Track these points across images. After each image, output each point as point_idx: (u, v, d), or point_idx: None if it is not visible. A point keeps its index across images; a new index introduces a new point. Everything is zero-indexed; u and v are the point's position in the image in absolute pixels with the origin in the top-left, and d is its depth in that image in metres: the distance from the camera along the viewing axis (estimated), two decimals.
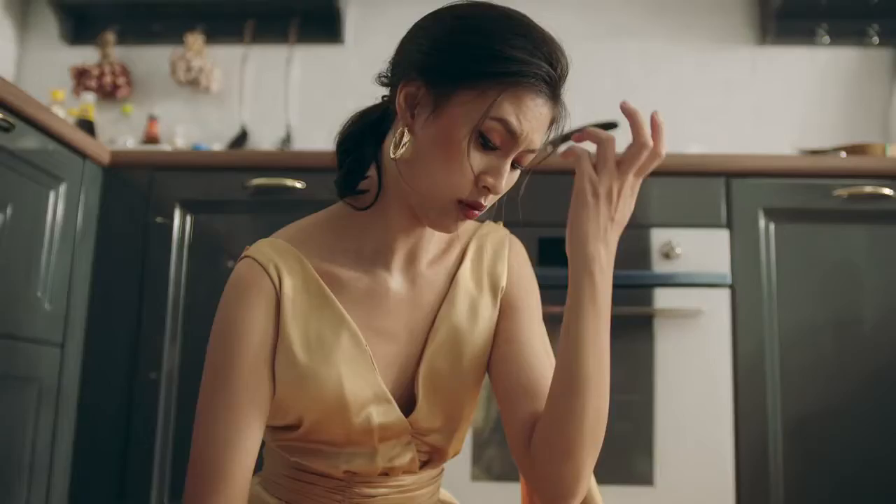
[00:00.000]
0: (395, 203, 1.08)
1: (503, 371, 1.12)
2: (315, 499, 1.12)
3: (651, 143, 1.05)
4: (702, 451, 1.91)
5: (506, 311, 1.16)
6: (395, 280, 1.11)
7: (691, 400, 1.93)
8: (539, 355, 1.14)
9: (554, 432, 1.00)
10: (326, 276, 1.08)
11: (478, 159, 0.99)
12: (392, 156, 1.02)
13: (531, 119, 0.98)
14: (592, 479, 1.16)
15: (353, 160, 1.09)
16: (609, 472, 1.76)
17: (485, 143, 0.99)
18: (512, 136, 0.98)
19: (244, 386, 1.04)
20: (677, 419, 1.92)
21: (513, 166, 1.03)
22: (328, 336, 1.06)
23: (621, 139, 2.53)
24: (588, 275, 1.01)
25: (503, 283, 1.17)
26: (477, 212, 1.03)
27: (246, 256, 1.09)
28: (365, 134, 1.09)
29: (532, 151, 1.02)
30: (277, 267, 1.07)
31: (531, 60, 0.97)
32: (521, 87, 0.97)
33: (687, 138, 2.67)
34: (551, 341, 1.16)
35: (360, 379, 1.06)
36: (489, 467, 1.94)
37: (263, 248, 1.09)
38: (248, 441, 1.03)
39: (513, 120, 0.97)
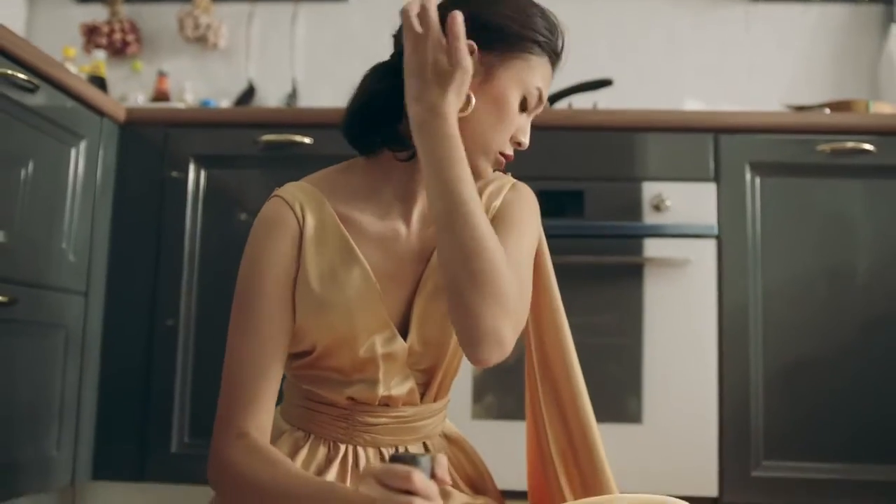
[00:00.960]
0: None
1: None
2: (322, 425, 1.25)
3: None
4: (687, 393, 2.03)
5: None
6: (407, 228, 1.22)
7: (678, 344, 2.05)
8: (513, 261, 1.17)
9: (446, 288, 1.08)
10: (344, 219, 1.20)
11: (519, 119, 1.18)
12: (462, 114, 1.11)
13: (549, 87, 1.20)
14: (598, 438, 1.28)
15: (382, 116, 1.16)
16: (600, 410, 1.87)
17: (524, 106, 1.17)
18: (540, 101, 1.18)
19: (270, 314, 1.16)
20: (664, 362, 2.04)
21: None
22: (341, 271, 1.17)
23: (616, 95, 2.65)
24: (416, 133, 1.08)
25: (497, 202, 1.25)
26: (510, 158, 1.20)
27: (275, 195, 1.21)
28: (395, 89, 1.13)
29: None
30: (302, 206, 1.18)
31: (551, 36, 1.17)
32: (550, 59, 1.18)
33: (682, 94, 2.76)
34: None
35: (367, 311, 1.17)
36: (488, 407, 2.06)
37: (291, 189, 1.21)
38: (273, 365, 1.15)
39: (544, 88, 1.18)
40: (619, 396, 2.04)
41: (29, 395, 1.86)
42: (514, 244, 1.18)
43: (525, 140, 1.20)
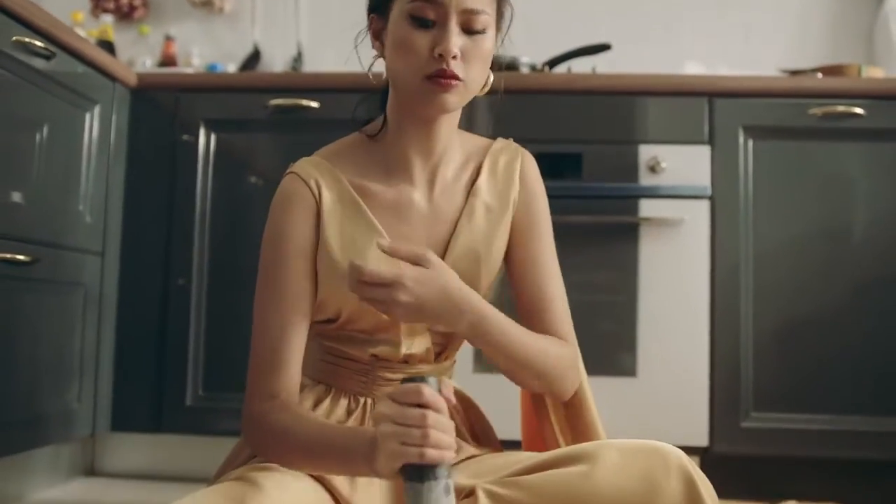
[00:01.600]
0: (404, 122, 1.26)
1: (520, 287, 1.33)
2: (344, 380, 1.33)
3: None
4: (680, 347, 2.12)
5: (520, 224, 1.34)
6: (418, 194, 1.29)
7: (672, 301, 2.13)
8: (549, 274, 1.33)
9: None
10: (358, 189, 1.27)
11: (422, 38, 1.18)
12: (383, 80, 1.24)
13: None
14: (584, 377, 1.36)
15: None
16: (596, 364, 1.97)
17: (421, 23, 1.18)
18: (436, 5, 1.16)
19: (292, 283, 1.23)
20: (658, 318, 2.13)
21: (469, 34, 1.18)
22: (360, 239, 1.24)
23: (615, 60, 2.71)
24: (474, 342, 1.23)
25: (515, 194, 1.34)
26: (446, 79, 1.18)
27: (290, 173, 1.27)
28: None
29: (472, 11, 1.18)
30: (317, 181, 1.25)
31: None
32: None
33: (681, 58, 2.80)
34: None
35: None
36: (488, 363, 2.15)
37: (304, 166, 1.28)
38: (298, 331, 1.22)
39: None
40: (615, 351, 2.13)
41: (51, 351, 1.95)
42: (551, 250, 1.35)
43: (445, 45, 1.16)
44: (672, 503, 1.18)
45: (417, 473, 0.99)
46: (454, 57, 1.17)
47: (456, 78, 1.18)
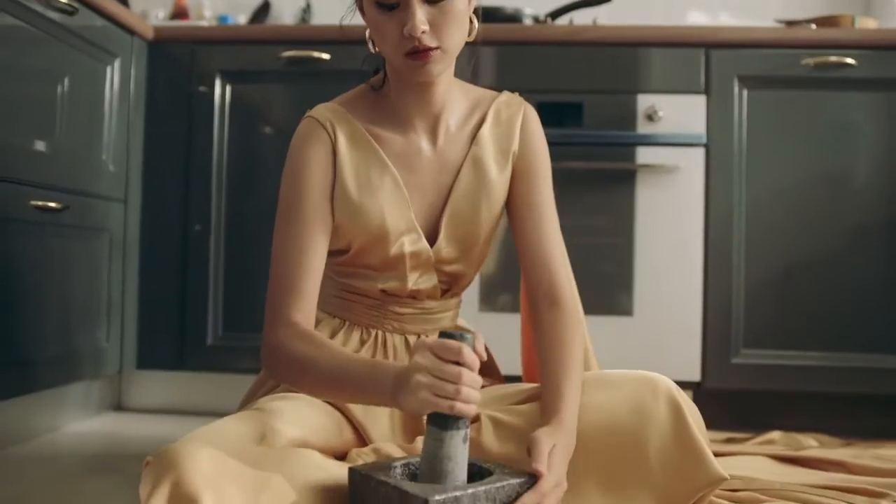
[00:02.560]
0: (401, 84, 1.36)
1: (521, 234, 1.42)
2: (357, 313, 1.44)
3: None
4: (675, 288, 2.23)
5: (520, 174, 1.43)
6: (425, 141, 1.39)
7: (667, 244, 2.23)
8: (548, 221, 1.42)
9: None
10: (371, 134, 1.37)
11: (390, 21, 1.26)
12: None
13: None
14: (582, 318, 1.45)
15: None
16: (594, 304, 2.08)
17: (387, 7, 1.25)
18: None
19: (310, 216, 1.31)
20: (654, 260, 2.23)
21: (433, 3, 1.24)
22: (374, 178, 1.35)
23: (616, 10, 2.80)
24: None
25: (515, 146, 1.43)
26: (422, 54, 1.25)
27: (307, 116, 1.37)
28: None
29: None
30: (332, 123, 1.35)
31: None
32: None
33: (685, 6, 2.86)
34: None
35: (397, 214, 1.35)
36: (494, 303, 2.27)
37: (321, 110, 1.37)
38: (314, 261, 1.31)
39: None
40: (612, 291, 2.24)
41: (81, 294, 2.07)
42: (549, 197, 1.43)
43: (409, 26, 1.23)
44: (659, 425, 1.30)
45: (443, 422, 1.08)
46: (424, 32, 1.24)
47: (431, 49, 1.26)
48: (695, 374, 2.22)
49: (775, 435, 2.09)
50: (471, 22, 1.32)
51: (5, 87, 1.76)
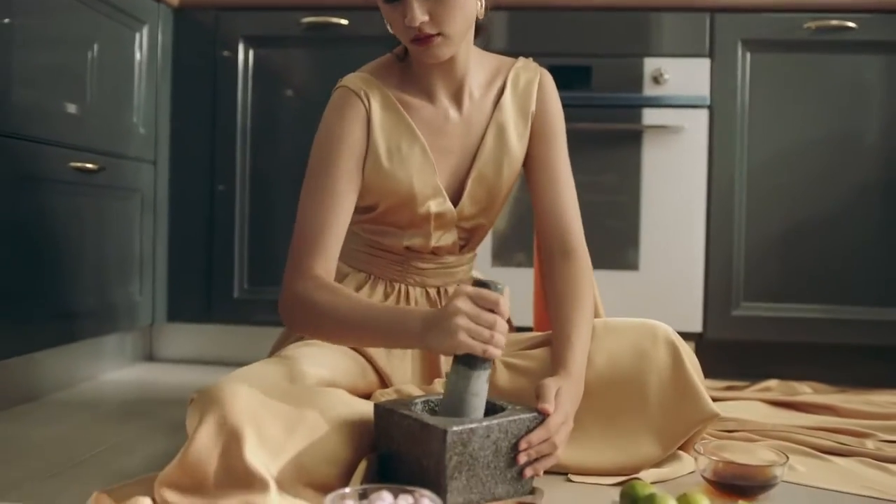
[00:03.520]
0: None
1: (536, 190, 1.53)
2: (382, 268, 1.55)
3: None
4: (679, 244, 2.33)
5: (537, 134, 1.53)
6: (451, 108, 1.48)
7: (672, 201, 2.33)
8: (562, 179, 1.52)
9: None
10: (401, 103, 1.45)
11: (394, 12, 1.35)
12: None
13: None
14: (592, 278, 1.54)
15: None
16: (601, 259, 2.19)
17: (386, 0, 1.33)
18: None
19: (340, 178, 1.40)
20: (659, 217, 2.33)
21: None
22: (404, 147, 1.44)
23: None
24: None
25: (533, 107, 1.53)
26: (424, 40, 1.34)
27: (341, 86, 1.45)
28: None
29: None
30: (366, 93, 1.43)
31: None
32: None
33: None
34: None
35: (425, 180, 1.45)
36: (506, 259, 2.38)
37: (353, 80, 1.45)
38: (339, 220, 1.39)
39: None
40: (619, 247, 2.34)
41: (116, 250, 2.19)
42: (564, 156, 1.53)
43: (409, 17, 1.31)
44: (658, 368, 1.42)
45: (472, 362, 1.19)
46: (423, 23, 1.32)
47: (433, 35, 1.34)
48: (697, 326, 2.33)
49: (772, 383, 2.20)
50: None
51: (39, 54, 1.85)
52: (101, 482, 1.30)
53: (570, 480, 1.39)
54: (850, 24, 2.28)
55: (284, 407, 1.22)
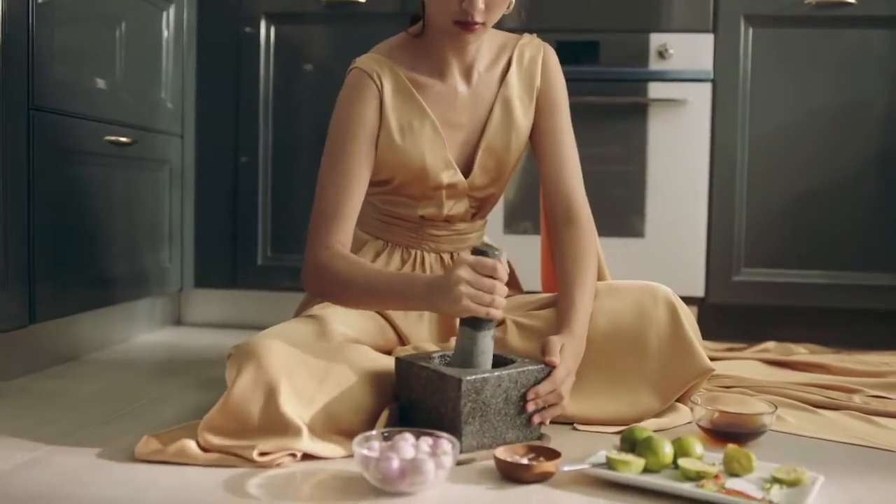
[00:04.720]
0: (439, 35, 1.52)
1: (542, 160, 1.62)
2: (398, 235, 1.66)
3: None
4: (683, 212, 2.42)
5: (542, 107, 1.63)
6: (461, 84, 1.57)
7: (676, 172, 2.42)
8: (566, 147, 1.61)
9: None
10: (412, 81, 1.54)
11: None
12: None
13: None
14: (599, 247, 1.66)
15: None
16: (608, 227, 2.30)
17: None
18: None
19: (356, 155, 1.49)
20: (664, 187, 2.43)
21: None
22: (416, 124, 1.53)
23: None
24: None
25: (538, 82, 1.62)
26: (471, 27, 1.42)
27: (355, 67, 1.53)
28: None
29: None
30: (379, 74, 1.52)
31: None
32: None
33: None
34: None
35: (436, 155, 1.54)
36: (516, 227, 2.48)
37: (367, 61, 1.54)
38: (355, 194, 1.49)
39: None
40: (625, 215, 2.44)
41: (147, 219, 2.31)
42: (568, 127, 1.61)
43: (468, 4, 1.38)
44: (658, 327, 1.52)
45: (477, 324, 1.31)
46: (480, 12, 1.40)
47: (480, 24, 1.42)
48: (699, 291, 2.43)
49: (770, 344, 2.30)
50: None
51: (73, 32, 1.93)
52: (147, 429, 1.42)
53: (576, 429, 1.50)
54: (850, 0, 2.35)
55: (314, 360, 1.34)
